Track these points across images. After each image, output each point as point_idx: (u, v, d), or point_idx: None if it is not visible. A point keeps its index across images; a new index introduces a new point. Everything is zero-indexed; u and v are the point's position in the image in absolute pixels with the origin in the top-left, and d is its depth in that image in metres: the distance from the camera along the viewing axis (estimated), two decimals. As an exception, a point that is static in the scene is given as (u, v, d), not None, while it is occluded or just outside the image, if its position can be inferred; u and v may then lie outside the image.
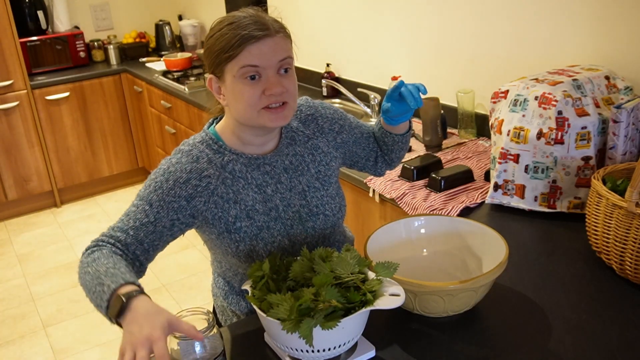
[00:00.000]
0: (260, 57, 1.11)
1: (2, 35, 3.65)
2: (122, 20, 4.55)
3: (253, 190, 1.22)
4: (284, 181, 1.25)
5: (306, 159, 1.29)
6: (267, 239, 1.23)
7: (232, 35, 1.11)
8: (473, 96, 2.24)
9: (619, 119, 1.49)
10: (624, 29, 1.76)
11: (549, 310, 1.20)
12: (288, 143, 1.28)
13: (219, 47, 1.13)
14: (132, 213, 1.17)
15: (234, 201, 1.20)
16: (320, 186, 1.29)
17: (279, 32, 1.14)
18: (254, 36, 1.10)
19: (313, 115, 1.33)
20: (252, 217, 1.21)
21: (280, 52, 1.13)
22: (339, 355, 1.07)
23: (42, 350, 2.71)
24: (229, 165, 1.21)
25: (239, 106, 1.15)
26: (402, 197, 1.85)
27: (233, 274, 1.33)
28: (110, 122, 4.19)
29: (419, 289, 1.10)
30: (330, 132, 1.33)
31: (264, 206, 1.23)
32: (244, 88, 1.12)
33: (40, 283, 3.26)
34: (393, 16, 2.61)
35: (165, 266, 3.35)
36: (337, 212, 1.32)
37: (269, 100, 1.13)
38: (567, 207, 1.57)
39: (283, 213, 1.25)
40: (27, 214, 4.11)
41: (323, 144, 1.32)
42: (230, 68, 1.13)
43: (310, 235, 1.28)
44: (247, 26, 1.11)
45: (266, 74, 1.12)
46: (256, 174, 1.23)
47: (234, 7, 3.81)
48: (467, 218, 1.36)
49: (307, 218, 1.27)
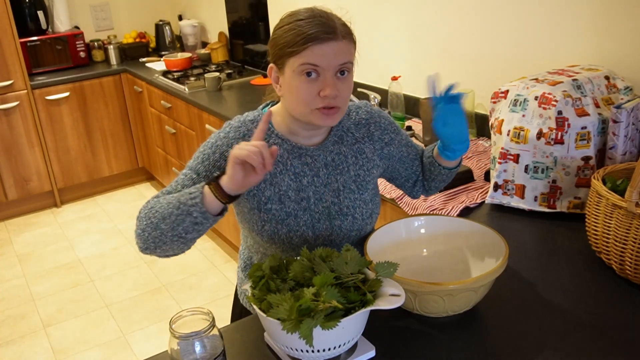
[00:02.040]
0: (321, 58, 1.13)
1: (2, 35, 3.65)
2: (122, 20, 4.56)
3: (289, 177, 1.26)
4: (321, 176, 1.28)
5: (349, 160, 1.30)
6: (292, 227, 1.26)
7: (298, 32, 1.14)
8: (473, 96, 2.24)
9: (618, 119, 1.49)
10: (623, 29, 1.76)
11: (549, 310, 1.20)
12: (335, 141, 1.30)
13: (284, 41, 1.16)
14: (180, 180, 1.24)
15: (270, 183, 1.25)
16: (355, 189, 1.30)
17: (345, 37, 1.17)
18: (320, 38, 1.13)
19: (367, 120, 1.34)
20: (283, 202, 1.25)
21: (342, 56, 1.16)
22: (339, 355, 1.07)
23: (42, 350, 2.71)
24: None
25: (293, 100, 1.18)
26: (402, 197, 1.85)
27: (255, 251, 1.38)
28: (110, 122, 4.19)
29: (419, 289, 1.10)
30: (379, 141, 1.34)
31: (296, 194, 1.26)
32: (301, 85, 1.15)
33: (40, 283, 3.26)
34: (393, 16, 2.61)
35: (165, 266, 3.35)
36: (366, 218, 1.32)
37: (322, 102, 1.16)
38: (567, 207, 1.57)
39: (313, 206, 1.27)
40: (27, 214, 4.11)
41: (369, 150, 1.33)
42: (291, 63, 1.15)
43: (335, 234, 1.29)
44: (315, 26, 1.13)
45: (324, 74, 1.15)
46: (296, 163, 1.26)
47: (234, 7, 3.81)
48: (467, 218, 1.36)
49: (335, 216, 1.29)
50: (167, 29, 4.41)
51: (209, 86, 3.36)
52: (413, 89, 2.59)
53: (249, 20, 3.74)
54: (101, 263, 3.43)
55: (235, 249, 3.39)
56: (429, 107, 2.15)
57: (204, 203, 1.09)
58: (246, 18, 3.76)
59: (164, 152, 3.91)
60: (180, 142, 3.58)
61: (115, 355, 2.65)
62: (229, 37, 4.00)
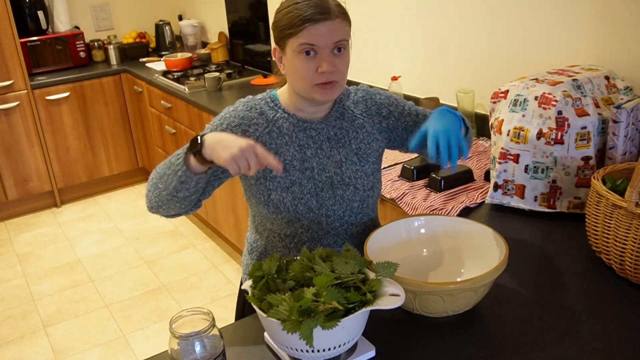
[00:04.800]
0: (317, 37, 1.22)
1: (2, 35, 3.65)
2: (122, 21, 4.56)
3: (294, 148, 1.34)
4: (324, 148, 1.36)
5: (350, 134, 1.39)
6: (297, 194, 1.33)
7: (295, 15, 1.23)
8: (473, 96, 2.24)
9: (618, 119, 1.49)
10: (624, 29, 1.76)
11: (548, 310, 1.20)
12: (337, 117, 1.39)
13: (284, 24, 1.25)
14: None
15: (275, 152, 1.33)
16: (357, 161, 1.38)
17: (339, 16, 1.25)
18: (315, 19, 1.22)
19: (364, 97, 1.44)
20: (287, 171, 1.33)
21: (337, 34, 1.24)
22: (339, 355, 1.07)
23: (42, 350, 2.71)
24: (279, 121, 1.35)
25: (295, 78, 1.28)
26: (402, 197, 1.85)
27: (262, 230, 1.44)
28: (110, 122, 4.19)
29: (419, 289, 1.10)
30: (377, 115, 1.43)
31: (300, 164, 1.34)
32: (301, 63, 1.25)
33: (40, 283, 3.26)
34: (393, 16, 2.61)
35: (165, 266, 3.35)
36: (368, 190, 1.39)
37: (321, 78, 1.25)
38: (567, 207, 1.57)
39: (317, 175, 1.35)
40: (27, 214, 4.11)
41: (368, 125, 1.41)
42: (291, 43, 1.25)
43: (338, 203, 1.37)
44: (310, 8, 1.22)
45: (321, 52, 1.24)
46: (301, 135, 1.35)
47: (234, 7, 3.81)
48: (467, 218, 1.36)
49: (338, 186, 1.36)
50: (167, 29, 4.41)
51: (209, 86, 3.36)
52: (413, 89, 2.59)
53: (249, 20, 3.74)
54: (101, 263, 3.43)
55: (236, 249, 3.39)
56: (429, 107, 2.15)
57: (187, 163, 1.19)
58: (246, 18, 3.76)
59: (164, 152, 3.91)
60: (180, 142, 3.58)
61: (115, 355, 2.65)
62: (229, 37, 4.00)
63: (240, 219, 3.09)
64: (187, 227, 3.79)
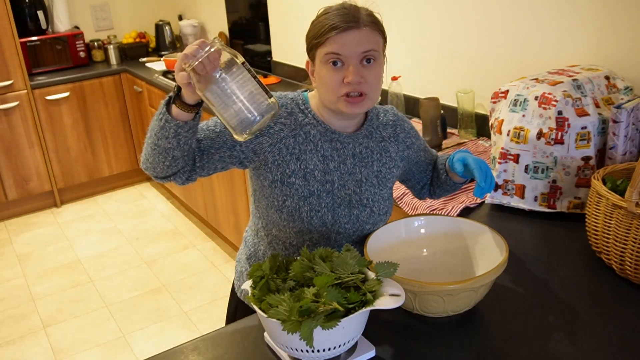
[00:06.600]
0: (343, 46, 1.19)
1: (2, 35, 3.64)
2: (122, 20, 4.55)
3: (318, 157, 1.29)
4: (347, 164, 1.32)
5: (374, 155, 1.35)
6: (314, 206, 1.28)
7: (322, 24, 1.21)
8: (473, 96, 2.24)
9: (619, 119, 1.49)
10: (624, 29, 1.76)
11: (549, 310, 1.20)
12: (365, 135, 1.35)
13: (312, 34, 1.24)
14: (204, 121, 1.28)
15: (297, 157, 1.28)
16: (376, 183, 1.34)
17: (368, 25, 1.22)
18: (340, 27, 1.19)
19: (394, 122, 1.39)
20: (307, 180, 1.28)
21: (365, 44, 1.20)
22: (339, 355, 1.07)
23: (42, 350, 2.71)
24: (307, 127, 1.30)
25: (323, 89, 1.24)
26: (402, 197, 1.85)
27: (265, 234, 1.38)
28: (110, 122, 4.19)
29: (419, 289, 1.10)
30: (403, 142, 1.39)
31: (322, 176, 1.29)
32: (327, 73, 1.21)
33: (40, 283, 3.26)
34: (393, 16, 2.60)
35: (165, 266, 3.35)
36: (382, 214, 1.36)
37: (347, 88, 1.20)
38: (567, 207, 1.57)
39: (337, 190, 1.30)
40: (27, 214, 4.11)
41: (393, 150, 1.38)
42: (318, 53, 1.22)
43: (352, 222, 1.32)
44: (337, 17, 1.20)
45: (348, 62, 1.20)
46: (327, 146, 1.30)
47: (234, 7, 3.81)
48: (467, 218, 1.36)
49: (355, 205, 1.32)
50: (167, 29, 4.41)
51: (209, 86, 3.35)
52: (413, 89, 2.59)
53: (249, 21, 3.74)
54: (101, 263, 3.43)
55: (236, 249, 3.39)
56: (429, 107, 2.16)
57: (168, 109, 1.13)
58: (246, 18, 3.76)
59: (164, 152, 3.90)
60: (180, 142, 3.58)
61: (115, 355, 2.65)
62: (229, 37, 4.00)
63: (240, 219, 3.09)
64: (187, 227, 3.79)
